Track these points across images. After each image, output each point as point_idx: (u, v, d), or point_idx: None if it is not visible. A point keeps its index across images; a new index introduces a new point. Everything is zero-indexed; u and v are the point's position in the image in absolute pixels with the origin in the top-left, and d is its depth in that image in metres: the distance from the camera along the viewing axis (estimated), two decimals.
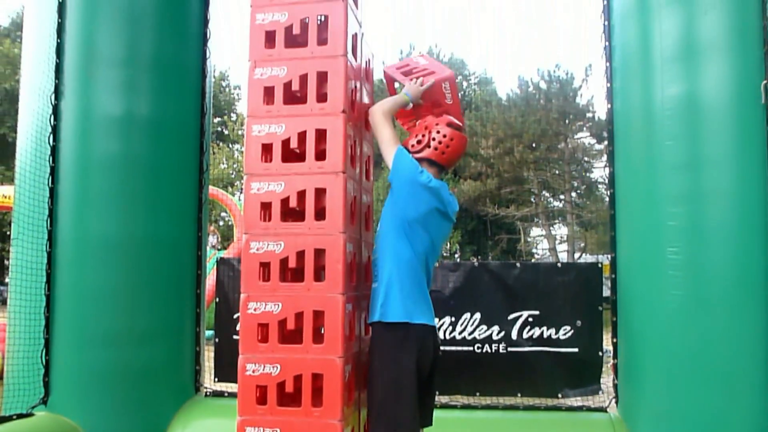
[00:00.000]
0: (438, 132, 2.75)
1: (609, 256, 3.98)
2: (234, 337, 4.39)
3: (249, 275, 2.60)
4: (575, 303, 4.17)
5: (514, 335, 4.21)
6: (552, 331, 4.18)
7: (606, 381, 4.20)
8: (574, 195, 26.88)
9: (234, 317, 4.43)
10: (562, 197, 27.25)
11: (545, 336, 4.18)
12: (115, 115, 3.89)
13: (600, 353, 4.17)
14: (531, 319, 4.21)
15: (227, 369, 4.38)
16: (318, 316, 2.55)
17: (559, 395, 4.16)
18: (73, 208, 3.84)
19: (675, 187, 3.41)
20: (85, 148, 3.88)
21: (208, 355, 4.57)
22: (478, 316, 4.26)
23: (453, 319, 4.27)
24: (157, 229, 3.96)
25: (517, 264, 4.35)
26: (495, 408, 4.12)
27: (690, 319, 3.34)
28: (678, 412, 3.39)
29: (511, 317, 4.23)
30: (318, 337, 2.55)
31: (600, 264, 4.28)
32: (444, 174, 2.85)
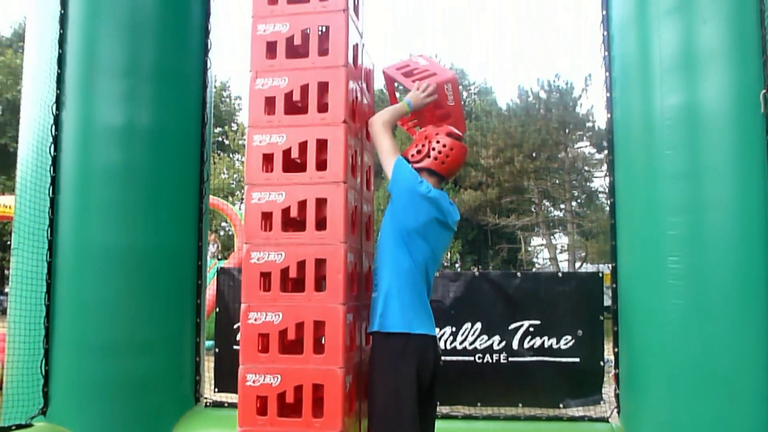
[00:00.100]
0: (438, 142, 2.75)
1: (610, 265, 3.97)
2: (234, 348, 4.37)
3: (250, 285, 2.60)
4: (576, 312, 4.16)
5: (515, 345, 4.20)
6: (553, 341, 4.16)
7: (607, 391, 4.18)
8: (574, 204, 26.94)
9: (234, 327, 4.41)
10: (562, 206, 27.30)
11: (546, 346, 4.17)
12: (116, 125, 3.90)
13: (601, 363, 4.15)
14: (532, 329, 4.19)
15: (227, 379, 4.35)
16: (319, 326, 2.55)
17: (561, 405, 4.14)
18: (74, 217, 3.84)
19: (675, 197, 3.41)
20: (86, 157, 3.88)
21: (208, 366, 4.55)
22: (478, 326, 4.25)
23: (454, 329, 4.26)
24: (158, 239, 3.96)
25: (518, 273, 4.34)
26: (496, 418, 4.10)
27: (691, 328, 3.33)
28: (680, 421, 3.37)
29: (512, 327, 4.21)
30: (319, 348, 2.54)
31: (601, 273, 4.27)
32: (444, 183, 2.86)
